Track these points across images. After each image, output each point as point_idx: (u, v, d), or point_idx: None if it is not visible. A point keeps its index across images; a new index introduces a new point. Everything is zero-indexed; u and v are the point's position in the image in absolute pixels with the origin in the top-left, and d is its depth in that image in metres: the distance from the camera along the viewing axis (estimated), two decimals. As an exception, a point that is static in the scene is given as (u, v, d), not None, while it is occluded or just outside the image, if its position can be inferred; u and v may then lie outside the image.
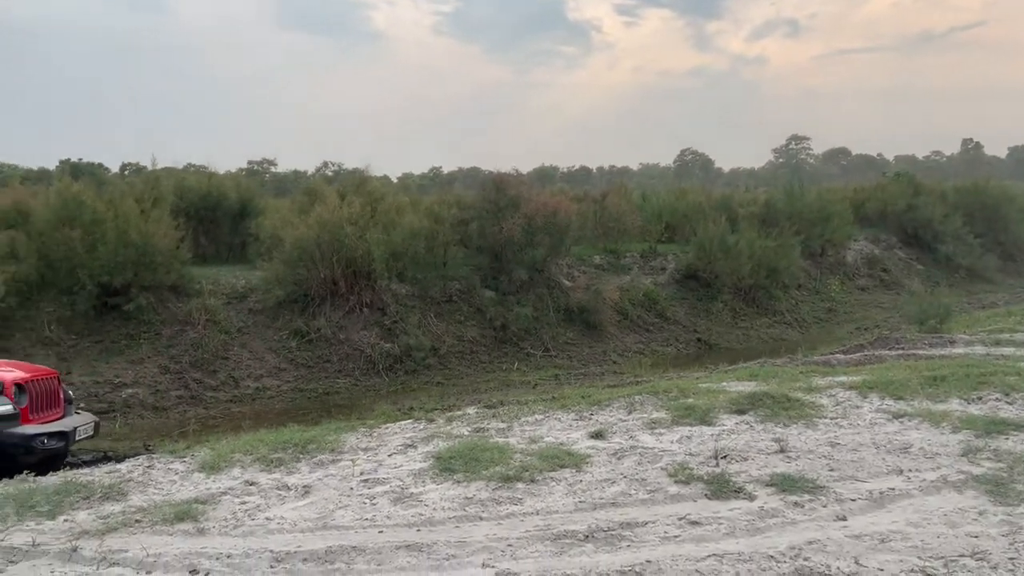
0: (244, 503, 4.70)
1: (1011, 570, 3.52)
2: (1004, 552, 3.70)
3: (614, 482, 4.87)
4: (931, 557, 3.67)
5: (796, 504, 4.42)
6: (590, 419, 6.53)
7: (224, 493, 4.88)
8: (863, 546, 3.82)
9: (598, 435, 5.91)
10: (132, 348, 11.88)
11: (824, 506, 4.38)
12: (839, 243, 22.10)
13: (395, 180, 49.08)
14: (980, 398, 6.65)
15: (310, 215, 13.43)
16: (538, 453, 5.42)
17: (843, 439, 5.64)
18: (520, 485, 4.86)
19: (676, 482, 4.81)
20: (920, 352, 10.23)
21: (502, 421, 6.59)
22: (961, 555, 3.69)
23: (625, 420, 6.38)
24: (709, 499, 4.55)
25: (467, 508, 4.51)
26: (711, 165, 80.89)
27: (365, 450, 5.85)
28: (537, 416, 6.71)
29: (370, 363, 12.59)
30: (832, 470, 4.95)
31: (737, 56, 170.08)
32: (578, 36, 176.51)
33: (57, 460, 7.63)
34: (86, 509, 4.67)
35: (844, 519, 4.18)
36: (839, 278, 21.33)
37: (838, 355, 10.75)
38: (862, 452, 5.32)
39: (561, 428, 6.28)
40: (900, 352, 10.32)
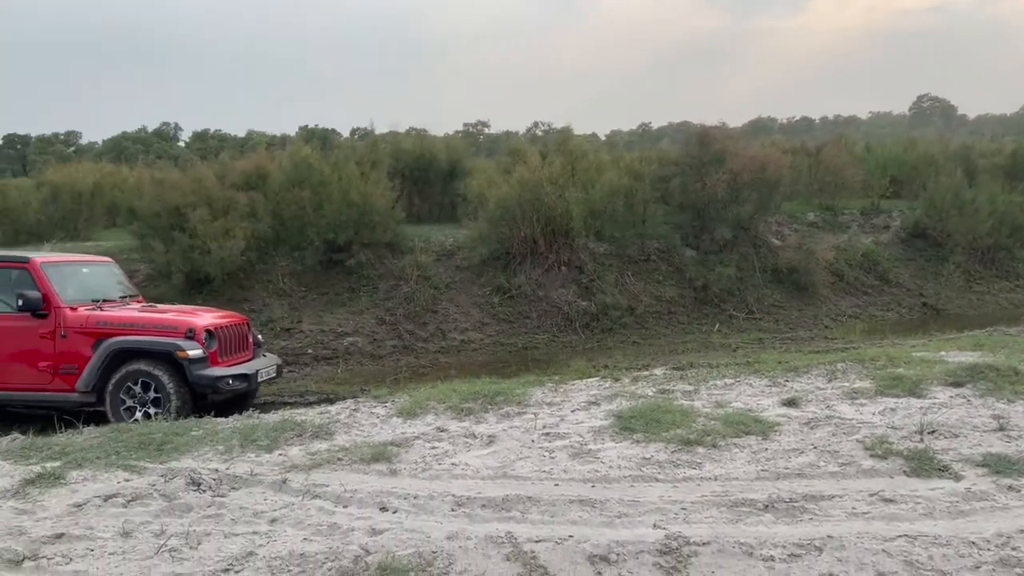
0: (433, 448, 5.02)
1: None
2: None
3: (802, 452, 4.65)
4: None
5: (1011, 488, 3.99)
6: (784, 386, 6.24)
7: (417, 438, 5.23)
8: (1087, 543, 3.39)
9: (791, 403, 5.65)
10: (353, 300, 12.93)
11: (1045, 494, 3.92)
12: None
13: (603, 138, 48.97)
14: None
15: (512, 175, 13.77)
16: (723, 418, 5.29)
17: (1080, 422, 4.98)
18: (700, 449, 4.78)
19: (872, 456, 4.50)
20: None
21: (689, 383, 6.48)
22: None
23: (823, 388, 6.04)
24: (908, 476, 4.22)
25: (643, 468, 4.51)
26: (953, 112, 72.85)
27: (549, 405, 6.00)
28: (727, 380, 6.52)
29: (567, 320, 12.80)
30: (1061, 455, 4.41)
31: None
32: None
33: (247, 398, 8.55)
34: (298, 445, 5.20)
35: (1068, 511, 3.72)
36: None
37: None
38: (1103, 438, 4.68)
39: (751, 394, 6.07)
40: None
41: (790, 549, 3.41)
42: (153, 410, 7.44)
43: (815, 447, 4.70)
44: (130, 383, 7.49)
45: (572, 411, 5.81)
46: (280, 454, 5.01)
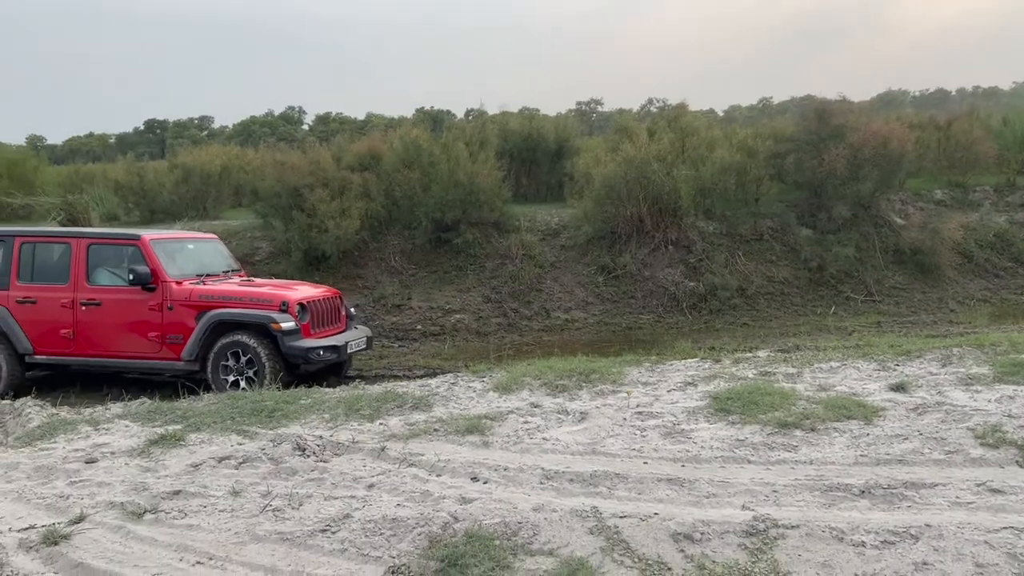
0: (526, 423, 5.10)
1: None
2: None
3: (906, 438, 4.45)
4: None
5: None
6: (894, 370, 5.97)
7: (511, 412, 5.34)
8: None
9: (899, 387, 5.41)
10: (460, 278, 13.19)
11: None
12: None
13: (721, 113, 47.57)
14: None
15: (619, 153, 13.62)
16: (824, 402, 5.12)
17: None
18: (798, 432, 4.65)
19: (982, 444, 4.26)
20: None
21: (793, 366, 6.29)
22: None
23: (936, 374, 5.74)
24: (1020, 466, 3.98)
25: (736, 450, 4.44)
26: (1107, 79, 66.37)
27: (645, 384, 5.98)
28: (833, 364, 6.30)
29: (673, 301, 12.62)
30: None
31: None
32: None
33: (339, 368, 8.88)
34: (398, 416, 5.41)
35: None
36: None
37: None
38: None
39: (857, 378, 5.84)
40: None
41: (883, 536, 3.30)
42: (249, 378, 7.88)
43: (920, 433, 4.49)
44: (229, 353, 7.96)
45: (668, 391, 5.77)
46: (381, 423, 5.23)
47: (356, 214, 13.08)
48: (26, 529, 3.83)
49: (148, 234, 8.63)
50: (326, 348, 8.11)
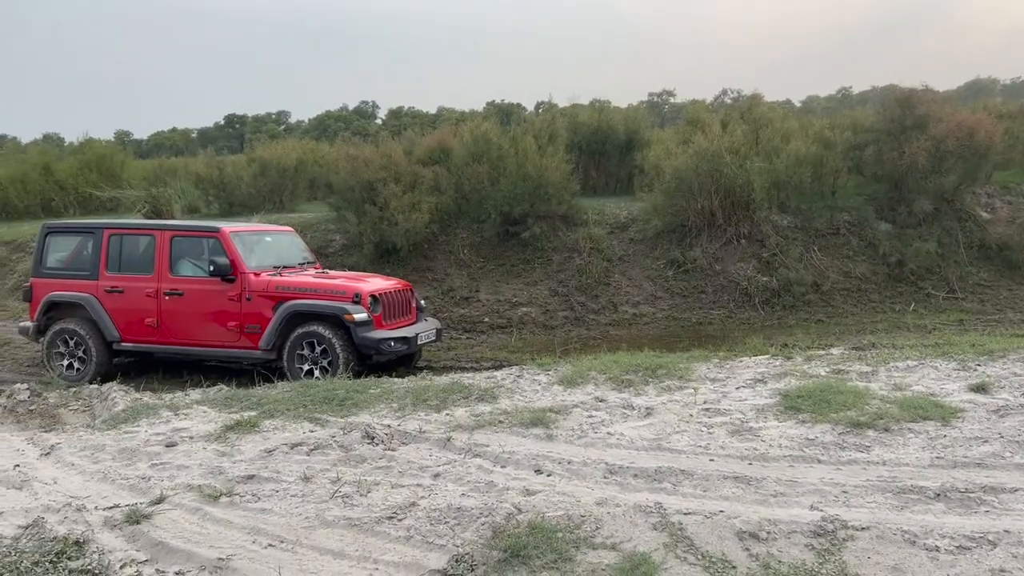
0: (591, 417, 5.10)
1: None
2: None
3: (986, 441, 4.29)
4: None
5: None
6: (975, 370, 5.74)
7: (575, 406, 5.34)
8: None
9: (979, 388, 5.21)
10: (527, 272, 13.22)
11: None
12: None
13: (798, 104, 46.33)
14: None
15: (690, 145, 13.42)
16: (900, 401, 4.97)
17: None
18: (871, 433, 4.53)
19: (1070, 451, 4.08)
20: None
21: (867, 364, 6.12)
22: None
23: (1020, 375, 5.50)
24: (1111, 476, 3.80)
25: (805, 449, 4.36)
26: None
27: (713, 381, 5.90)
28: (910, 362, 6.09)
29: (745, 296, 12.38)
30: None
31: None
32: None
33: (409, 359, 9.00)
34: (464, 407, 5.48)
35: None
36: None
37: None
38: None
39: (935, 377, 5.64)
40: None
41: (959, 541, 3.20)
42: (323, 368, 8.08)
43: (1002, 436, 4.32)
44: (304, 342, 8.17)
45: (736, 388, 5.69)
46: (447, 414, 5.31)
47: (426, 208, 13.24)
48: (111, 508, 4.03)
49: (227, 227, 8.92)
50: (397, 339, 8.26)
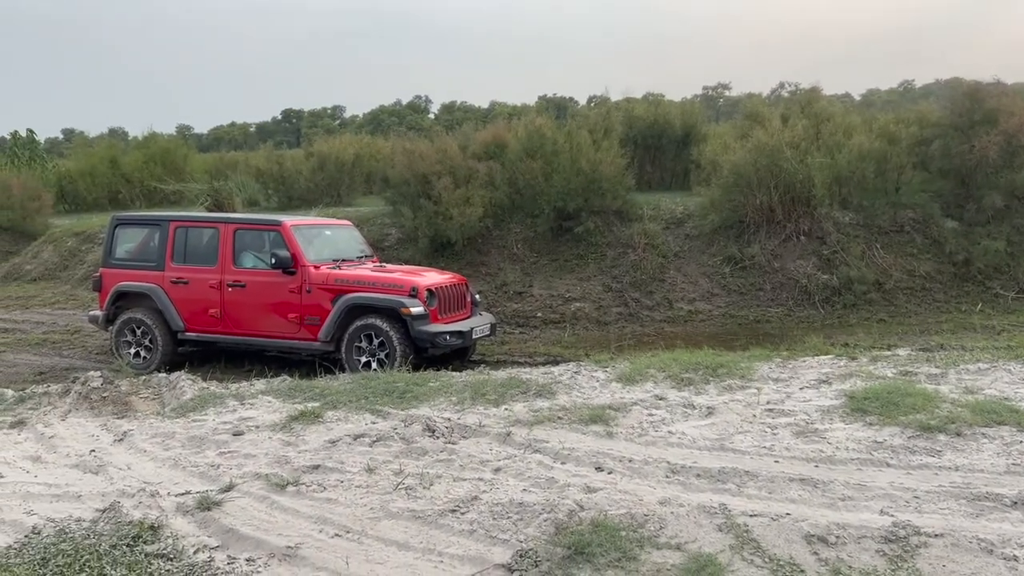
0: (651, 415, 5.07)
1: None
2: None
3: (1066, 449, 4.14)
4: None
5: None
6: (1052, 374, 5.55)
7: (635, 403, 5.31)
8: None
9: (1058, 394, 5.03)
10: (580, 267, 13.17)
11: None
12: None
13: (858, 98, 45.25)
14: None
15: (748, 139, 13.20)
16: (972, 405, 4.82)
17: None
18: (942, 437, 4.41)
19: None
20: None
21: (936, 366, 5.95)
22: None
23: (1101, 380, 5.30)
24: None
25: (874, 452, 4.26)
26: None
27: (775, 381, 5.81)
28: (981, 365, 5.91)
29: (805, 294, 12.14)
30: None
31: None
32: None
33: (464, 352, 9.03)
34: (522, 402, 5.49)
35: None
36: None
37: None
38: None
39: (1009, 381, 5.46)
40: None
41: (1039, 552, 3.10)
42: (380, 360, 8.18)
43: (1085, 444, 4.17)
44: (363, 335, 8.27)
45: (800, 388, 5.59)
46: (506, 409, 5.33)
47: (480, 202, 13.28)
48: (182, 494, 4.15)
49: (289, 220, 9.08)
50: (452, 333, 8.32)
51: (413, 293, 8.22)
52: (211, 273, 8.96)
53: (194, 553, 3.52)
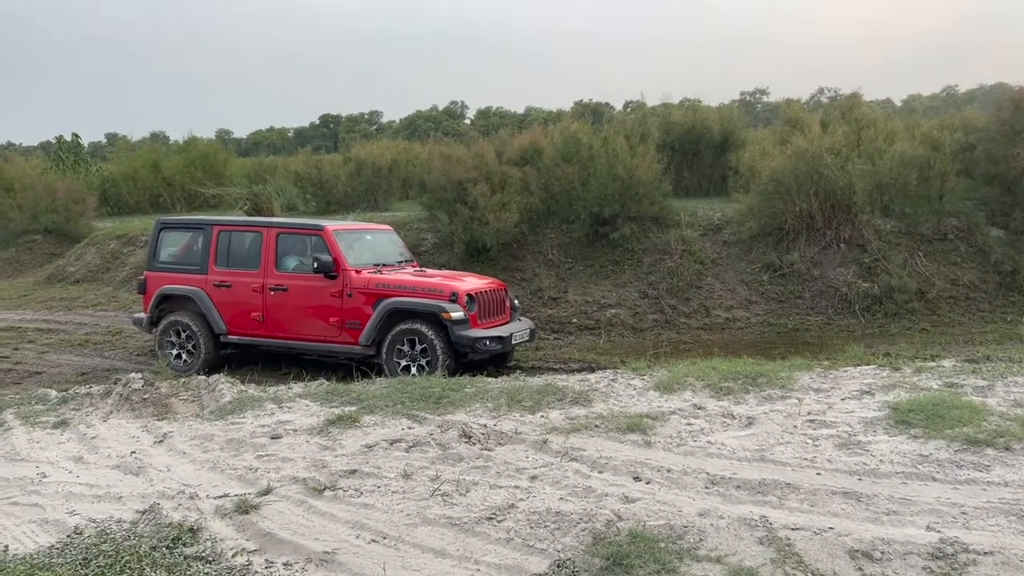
0: (689, 424, 5.01)
1: None
2: None
3: (1122, 467, 4.01)
4: None
5: None
6: (1105, 389, 5.38)
7: (673, 412, 5.26)
8: None
9: (1112, 409, 4.87)
10: (616, 273, 13.11)
11: None
12: None
13: (899, 104, 44.52)
14: None
15: (788, 146, 13.04)
16: (1021, 419, 4.70)
17: None
18: (990, 451, 4.30)
19: None
20: None
21: (983, 378, 5.80)
22: None
23: None
24: None
25: (919, 466, 4.17)
26: None
27: (817, 391, 5.71)
28: (1031, 377, 5.76)
29: (845, 302, 11.94)
30: None
31: None
32: None
33: (504, 357, 9.03)
34: (558, 409, 5.46)
35: None
36: None
37: None
38: None
39: (1061, 395, 5.31)
40: None
41: (1095, 574, 3.00)
42: (420, 365, 8.21)
43: None
44: (404, 339, 8.30)
45: (842, 399, 5.49)
46: (542, 416, 5.31)
47: (515, 208, 13.29)
48: (221, 497, 4.20)
49: (331, 225, 9.16)
50: (492, 338, 8.32)
51: (453, 298, 8.24)
52: (253, 277, 9.06)
53: (232, 556, 3.55)
